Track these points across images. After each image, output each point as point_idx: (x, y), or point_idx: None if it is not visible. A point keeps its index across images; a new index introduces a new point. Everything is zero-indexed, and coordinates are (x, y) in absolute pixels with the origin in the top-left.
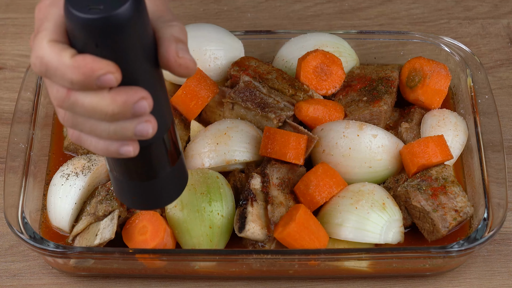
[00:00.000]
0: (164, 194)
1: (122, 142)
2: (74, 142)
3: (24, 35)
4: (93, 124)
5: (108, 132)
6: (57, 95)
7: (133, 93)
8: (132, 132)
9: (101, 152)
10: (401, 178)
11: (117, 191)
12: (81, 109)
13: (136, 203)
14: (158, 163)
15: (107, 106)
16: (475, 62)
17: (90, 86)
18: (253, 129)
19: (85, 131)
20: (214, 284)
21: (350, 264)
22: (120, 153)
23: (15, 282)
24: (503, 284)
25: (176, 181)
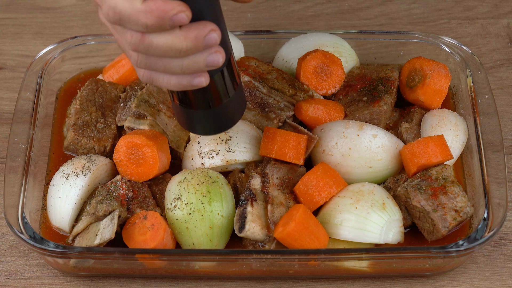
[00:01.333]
0: (231, 116)
1: (194, 75)
2: (145, 81)
3: (24, 35)
4: (167, 62)
5: (181, 67)
6: (131, 40)
7: (203, 27)
8: (204, 64)
9: (174, 87)
10: (401, 178)
11: (184, 121)
12: (156, 50)
13: (206, 129)
14: (225, 89)
15: (181, 43)
16: (475, 62)
17: (163, 27)
18: (253, 129)
19: (158, 70)
20: (214, 284)
21: (350, 264)
22: (193, 85)
23: (15, 282)
24: (503, 284)
25: (240, 102)
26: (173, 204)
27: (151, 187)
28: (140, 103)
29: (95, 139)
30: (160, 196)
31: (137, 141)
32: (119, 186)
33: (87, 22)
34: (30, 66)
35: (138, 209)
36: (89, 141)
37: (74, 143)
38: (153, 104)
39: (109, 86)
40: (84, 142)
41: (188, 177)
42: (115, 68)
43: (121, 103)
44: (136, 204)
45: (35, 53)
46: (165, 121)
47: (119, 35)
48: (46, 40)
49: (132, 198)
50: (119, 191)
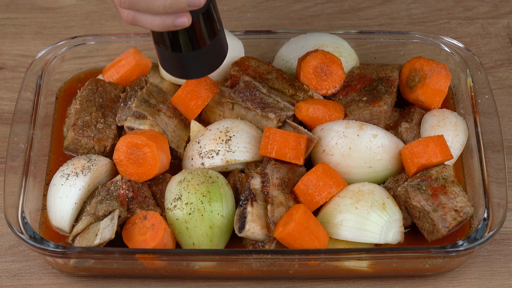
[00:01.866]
0: (213, 60)
1: (176, 15)
2: (129, 23)
3: (24, 35)
4: (150, 1)
5: (164, 6)
6: None
7: None
8: (186, 3)
9: (157, 27)
10: (401, 178)
11: (167, 64)
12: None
13: (188, 72)
14: (207, 31)
15: None
16: (475, 62)
17: None
18: (253, 129)
19: (142, 10)
20: (214, 284)
21: (350, 264)
22: (176, 25)
23: (15, 282)
24: (503, 284)
25: (222, 46)
26: (173, 204)
27: (151, 187)
28: (140, 103)
29: (95, 139)
30: (160, 196)
31: (137, 141)
32: (119, 186)
33: (87, 22)
34: (30, 66)
35: (138, 209)
36: (89, 141)
37: (74, 143)
38: (153, 104)
39: (109, 86)
40: (84, 142)
41: (188, 177)
42: (115, 68)
43: (121, 103)
44: (136, 204)
45: (35, 53)
46: (165, 121)
47: None
48: (46, 40)
49: (132, 198)
50: (119, 191)
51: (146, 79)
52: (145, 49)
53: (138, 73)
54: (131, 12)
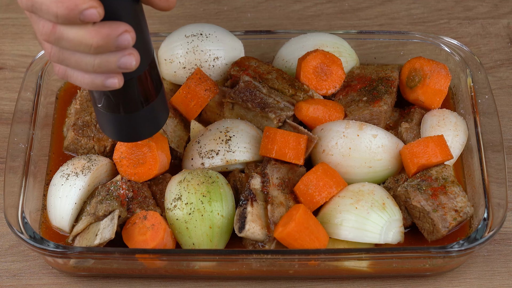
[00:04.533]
0: (147, 127)
1: (107, 75)
2: (61, 77)
3: (24, 35)
4: (79, 57)
5: (93, 65)
6: (43, 30)
7: (116, 27)
8: (115, 65)
9: (87, 86)
10: (401, 178)
11: (101, 123)
12: (67, 43)
13: (119, 135)
14: (141, 96)
15: (91, 39)
16: (475, 62)
17: (74, 20)
18: (253, 129)
19: (71, 66)
20: (214, 284)
21: (350, 264)
22: (106, 86)
23: (15, 282)
24: (503, 284)
25: (158, 113)
26: (173, 204)
27: (151, 187)
28: None
29: (95, 139)
30: (160, 196)
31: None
32: (119, 186)
33: None
34: (30, 66)
35: (138, 209)
36: (89, 141)
37: (74, 143)
38: None
39: None
40: (84, 142)
41: (188, 177)
42: None
43: None
44: (136, 204)
45: (35, 53)
46: None
47: (34, 24)
48: None
49: (132, 198)
50: (119, 191)
51: None
52: None
53: None
54: (63, 66)
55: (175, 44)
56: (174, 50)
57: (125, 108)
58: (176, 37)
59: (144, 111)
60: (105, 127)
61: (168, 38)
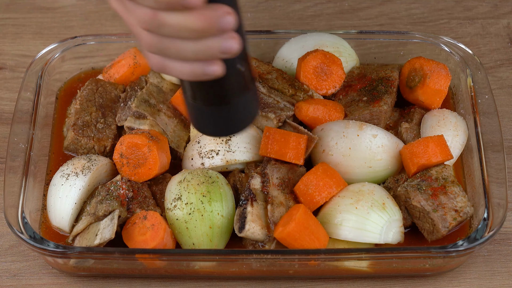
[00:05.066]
0: (241, 118)
1: (208, 62)
2: (157, 70)
3: (24, 35)
4: (179, 45)
5: (194, 51)
6: (143, 17)
7: (218, 9)
8: (218, 49)
9: (187, 76)
10: (401, 178)
11: (195, 119)
12: (169, 29)
13: (216, 129)
14: (238, 85)
15: (194, 23)
16: (475, 62)
17: (177, 4)
18: (253, 129)
19: (170, 55)
20: (214, 284)
21: (350, 264)
22: (206, 73)
23: (15, 282)
24: (503, 284)
25: (252, 104)
26: (173, 204)
27: (151, 187)
28: (140, 103)
29: (95, 139)
30: (160, 196)
31: (137, 141)
32: (119, 186)
33: (87, 22)
34: (30, 66)
35: (138, 209)
36: (89, 141)
37: (74, 143)
38: (153, 104)
39: (109, 86)
40: (84, 142)
41: (188, 177)
42: (115, 68)
43: (121, 103)
44: (136, 204)
45: (35, 53)
46: (165, 121)
47: (130, 13)
48: (46, 40)
49: (132, 198)
50: (119, 191)
51: (146, 79)
52: None
53: (138, 73)
54: (160, 58)
55: None
56: None
57: (222, 99)
58: None
59: (242, 100)
60: (202, 123)
61: None
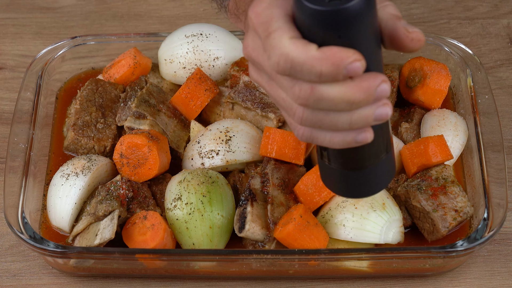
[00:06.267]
0: (379, 181)
1: (359, 130)
2: (305, 140)
3: (24, 35)
4: (334, 117)
5: (350, 122)
6: (300, 93)
7: (374, 78)
8: (372, 118)
9: (337, 144)
10: (401, 178)
11: (328, 180)
12: (326, 103)
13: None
14: (379, 149)
15: (354, 94)
16: (475, 62)
17: (338, 76)
18: (253, 129)
19: (324, 127)
20: (214, 284)
21: (350, 264)
22: (358, 142)
23: (15, 282)
24: (503, 284)
25: (390, 167)
26: (173, 204)
27: (151, 187)
28: (140, 103)
29: (95, 139)
30: (160, 196)
31: (137, 141)
32: (119, 186)
33: (87, 22)
34: (30, 66)
35: (138, 209)
36: (89, 141)
37: (74, 143)
38: (153, 104)
39: (109, 86)
40: (84, 142)
41: (188, 177)
42: (115, 68)
43: (121, 103)
44: (136, 204)
45: (35, 53)
46: (165, 121)
47: (285, 90)
48: (46, 40)
49: (132, 198)
50: (119, 191)
51: (146, 79)
52: (145, 49)
53: (138, 73)
54: (308, 129)
55: (175, 44)
56: (174, 50)
57: (364, 164)
58: (176, 37)
59: (380, 164)
60: (335, 184)
61: (168, 38)
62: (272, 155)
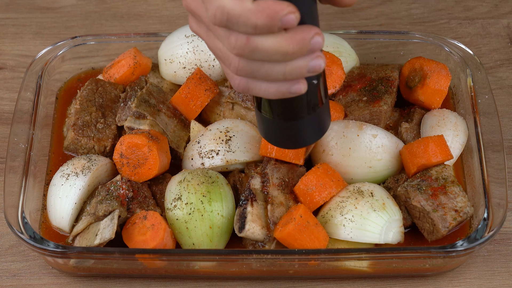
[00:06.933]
0: (315, 131)
1: (293, 81)
2: (241, 90)
3: (24, 35)
4: (269, 68)
5: (283, 73)
6: (236, 44)
7: (308, 30)
8: (306, 69)
9: (272, 95)
10: (401, 178)
11: (268, 133)
12: (261, 53)
13: (289, 142)
14: (314, 100)
15: (288, 46)
16: (475, 62)
17: (272, 28)
18: (253, 129)
19: (259, 77)
20: (214, 284)
21: (350, 264)
22: (291, 92)
23: (15, 282)
24: (503, 284)
25: (325, 117)
26: (173, 204)
27: (151, 187)
28: (140, 103)
29: (95, 139)
30: (160, 196)
31: (137, 141)
32: (119, 186)
33: (87, 22)
34: (30, 66)
35: (138, 209)
36: (89, 141)
37: (74, 143)
38: (153, 104)
39: (109, 86)
40: (84, 142)
41: (188, 177)
42: (115, 68)
43: (121, 103)
44: (136, 204)
45: (35, 53)
46: (165, 121)
47: (221, 40)
48: (46, 40)
49: (132, 198)
50: (119, 191)
51: (146, 79)
52: (145, 49)
53: (138, 73)
54: (244, 79)
55: (175, 44)
56: (174, 50)
57: (301, 114)
58: (176, 37)
59: (316, 114)
60: (275, 137)
61: (168, 38)
62: (272, 155)
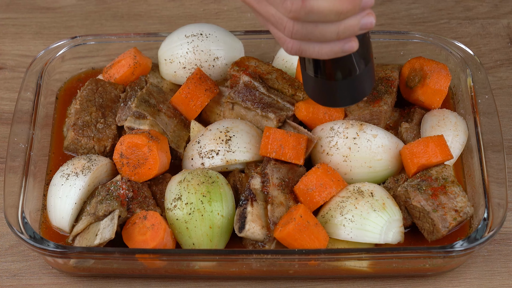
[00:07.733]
0: (364, 88)
1: (345, 40)
2: (294, 53)
3: (24, 35)
4: (323, 29)
5: (337, 32)
6: (292, 7)
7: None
8: (358, 27)
9: (326, 55)
10: (401, 178)
11: (317, 94)
12: (316, 15)
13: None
14: (364, 57)
15: (341, 5)
16: (475, 62)
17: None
18: (253, 129)
19: (314, 38)
20: (214, 284)
21: (350, 264)
22: (345, 51)
23: (15, 282)
24: (503, 284)
25: (371, 75)
26: (173, 204)
27: (151, 187)
28: (140, 103)
29: (95, 139)
30: (160, 196)
31: (137, 141)
32: (119, 186)
33: (87, 22)
34: (30, 66)
35: (138, 209)
36: (89, 141)
37: (74, 143)
38: (153, 104)
39: (109, 86)
40: (84, 142)
41: (188, 177)
42: (115, 68)
43: (121, 103)
44: (136, 204)
45: (35, 53)
46: (165, 121)
47: (276, 5)
48: (46, 40)
49: (132, 198)
50: (119, 191)
51: (146, 79)
52: (145, 49)
53: (138, 73)
54: (297, 42)
55: (175, 44)
56: (174, 50)
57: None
58: (176, 37)
59: (366, 71)
60: (325, 96)
61: (168, 38)
62: (272, 155)
